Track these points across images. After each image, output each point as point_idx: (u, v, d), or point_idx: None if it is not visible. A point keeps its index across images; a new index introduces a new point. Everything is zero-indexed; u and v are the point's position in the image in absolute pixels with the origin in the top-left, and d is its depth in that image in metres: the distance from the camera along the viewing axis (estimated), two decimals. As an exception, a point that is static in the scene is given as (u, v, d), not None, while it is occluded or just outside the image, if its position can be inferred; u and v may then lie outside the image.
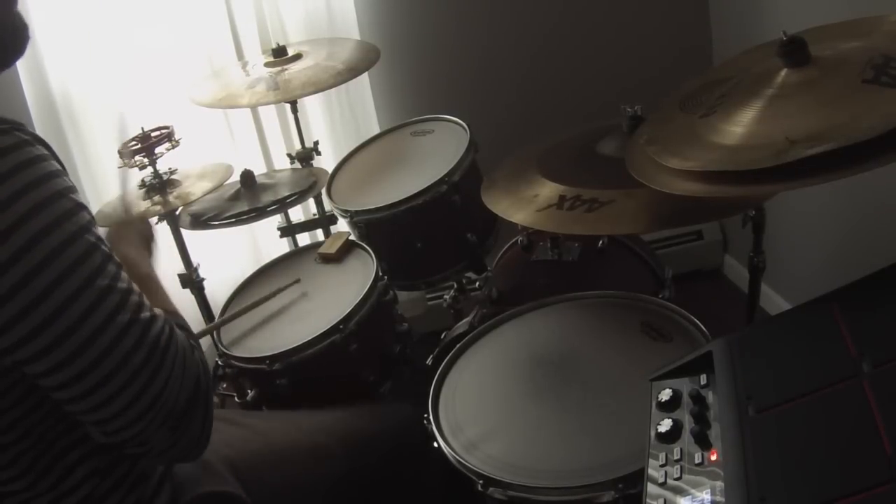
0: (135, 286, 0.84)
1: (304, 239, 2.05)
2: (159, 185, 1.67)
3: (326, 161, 1.99)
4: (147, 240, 1.26)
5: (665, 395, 0.91)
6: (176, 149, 1.68)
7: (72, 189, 0.80)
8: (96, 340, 0.78)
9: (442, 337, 1.65)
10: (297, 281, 1.64)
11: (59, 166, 0.81)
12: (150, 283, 1.06)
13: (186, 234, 1.77)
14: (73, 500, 0.90)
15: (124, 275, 0.83)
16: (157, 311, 0.87)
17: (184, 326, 0.94)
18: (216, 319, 1.61)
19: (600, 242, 1.60)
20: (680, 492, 0.79)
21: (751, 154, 0.93)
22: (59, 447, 0.88)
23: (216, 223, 1.69)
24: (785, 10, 1.82)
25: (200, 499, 1.02)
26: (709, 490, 0.76)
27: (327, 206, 1.83)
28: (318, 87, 1.72)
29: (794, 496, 0.69)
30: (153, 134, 1.67)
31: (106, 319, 0.79)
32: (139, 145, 1.65)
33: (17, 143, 0.76)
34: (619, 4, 2.19)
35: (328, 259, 1.68)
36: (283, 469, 1.18)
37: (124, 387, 0.80)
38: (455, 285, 1.83)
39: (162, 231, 1.72)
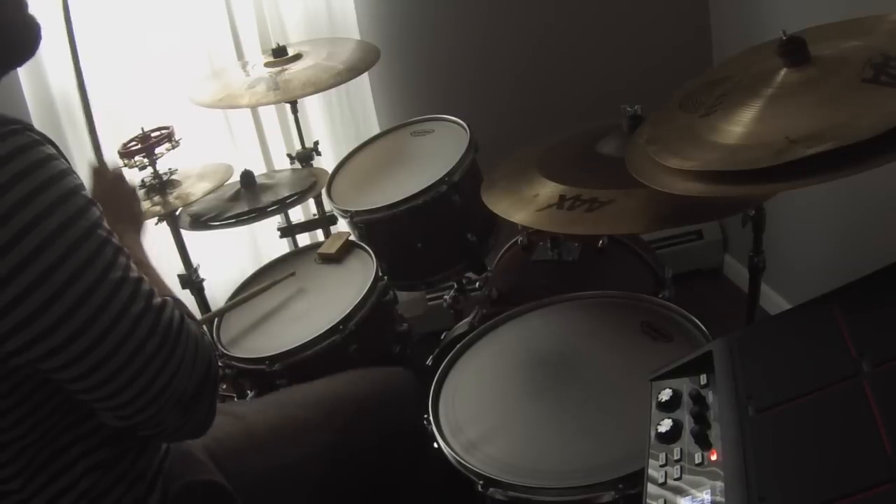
0: (144, 275, 0.86)
1: (304, 239, 2.05)
2: (159, 186, 1.67)
3: (326, 161, 1.99)
4: (134, 214, 1.21)
5: (665, 395, 0.90)
6: (176, 149, 1.69)
7: (81, 186, 0.82)
8: (112, 331, 0.79)
9: (442, 337, 1.65)
10: (293, 274, 1.63)
11: (67, 164, 0.82)
12: (146, 270, 1.04)
13: (186, 234, 1.77)
14: (73, 495, 0.90)
15: (133, 265, 0.85)
16: (167, 297, 0.88)
17: (188, 314, 0.94)
18: (216, 321, 1.61)
19: (600, 242, 1.60)
20: (680, 492, 0.78)
21: (751, 154, 0.93)
22: (63, 442, 0.89)
23: (216, 224, 1.69)
24: (785, 9, 1.82)
25: (183, 490, 1.02)
26: (709, 490, 0.76)
27: (327, 206, 1.83)
28: (318, 87, 1.72)
29: (794, 496, 0.69)
30: (153, 134, 1.67)
31: (121, 311, 0.80)
32: (139, 145, 1.65)
33: (30, 143, 0.78)
34: (619, 4, 2.19)
35: (328, 259, 1.68)
36: (262, 450, 1.17)
37: (139, 373, 0.82)
38: (455, 285, 1.83)
39: (162, 231, 1.73)
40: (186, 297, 1.85)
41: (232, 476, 1.08)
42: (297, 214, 2.06)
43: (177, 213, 1.71)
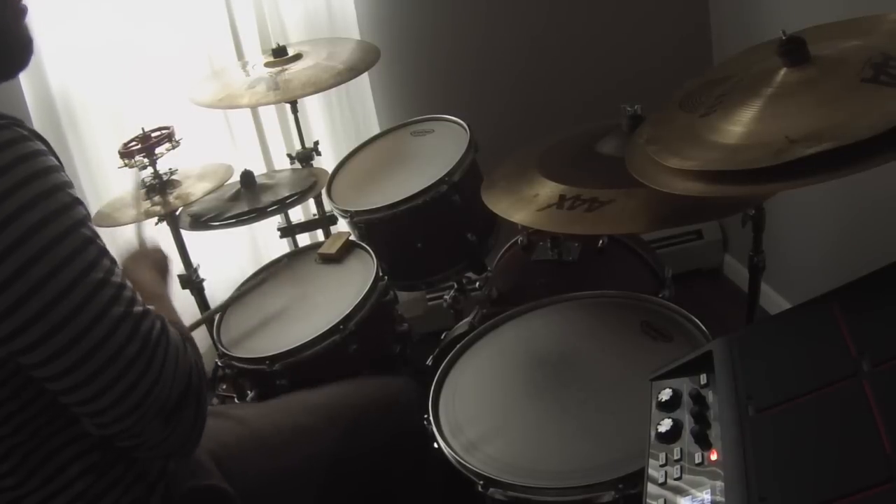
0: (128, 282, 0.85)
1: (304, 239, 2.05)
2: (159, 186, 1.67)
3: (326, 161, 1.99)
4: (162, 269, 1.27)
5: (665, 394, 0.90)
6: (176, 149, 1.69)
7: (69, 184, 0.82)
8: (90, 332, 0.79)
9: (442, 337, 1.65)
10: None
11: (56, 162, 0.82)
12: (163, 303, 1.07)
13: (186, 234, 1.77)
14: (66, 498, 0.90)
15: (118, 270, 0.84)
16: (150, 306, 0.87)
17: (190, 339, 0.94)
18: (216, 321, 1.61)
19: (600, 242, 1.60)
20: (680, 492, 0.78)
21: (750, 153, 0.93)
22: (55, 444, 0.89)
23: (216, 224, 1.69)
24: (784, 9, 1.82)
25: (186, 495, 1.02)
26: (709, 490, 0.76)
27: (327, 206, 1.83)
28: (318, 87, 1.72)
29: (794, 496, 0.69)
30: (153, 134, 1.67)
31: (100, 312, 0.80)
32: (139, 145, 1.65)
33: (17, 138, 0.78)
34: (619, 4, 2.19)
35: (328, 259, 1.68)
36: (266, 453, 1.17)
37: (117, 379, 0.81)
38: (455, 285, 1.82)
39: (162, 231, 1.73)
40: (186, 298, 1.85)
41: (236, 479, 1.08)
42: (297, 214, 2.06)
43: (177, 213, 1.71)
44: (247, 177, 1.78)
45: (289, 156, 1.96)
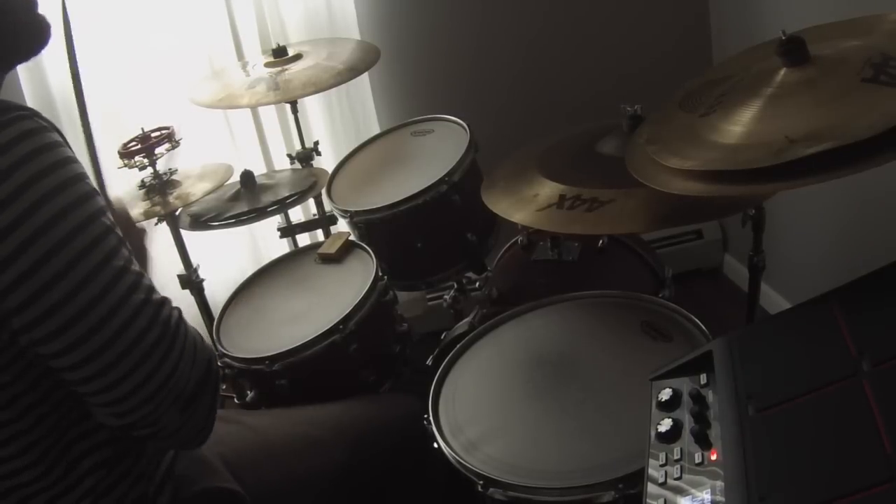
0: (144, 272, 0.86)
1: (304, 239, 2.05)
2: (159, 186, 1.67)
3: (326, 161, 2.00)
4: (141, 251, 1.21)
5: (665, 394, 0.90)
6: (176, 149, 1.69)
7: (85, 175, 0.82)
8: (111, 320, 0.80)
9: (442, 337, 1.65)
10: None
11: (72, 153, 0.82)
12: None
13: (186, 234, 1.77)
14: (78, 493, 0.90)
15: (135, 260, 0.85)
16: (167, 296, 0.88)
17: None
18: (215, 321, 1.61)
19: (600, 242, 1.60)
20: (680, 492, 0.78)
21: (750, 153, 0.93)
22: (69, 437, 0.89)
23: (216, 224, 1.69)
24: (784, 9, 1.82)
25: (198, 496, 1.02)
26: (709, 490, 0.76)
27: (327, 206, 1.83)
28: (318, 87, 1.72)
29: (793, 495, 0.69)
30: (153, 134, 1.67)
31: (120, 299, 0.80)
32: (139, 146, 1.65)
33: (36, 129, 0.79)
34: (619, 4, 2.19)
35: (328, 259, 1.68)
36: (278, 463, 1.18)
37: (137, 366, 0.81)
38: (455, 285, 1.83)
39: (162, 232, 1.73)
40: (186, 298, 1.85)
41: (247, 485, 1.08)
42: (297, 214, 2.07)
43: (177, 213, 1.71)
44: (247, 177, 1.78)
45: (289, 156, 1.96)
